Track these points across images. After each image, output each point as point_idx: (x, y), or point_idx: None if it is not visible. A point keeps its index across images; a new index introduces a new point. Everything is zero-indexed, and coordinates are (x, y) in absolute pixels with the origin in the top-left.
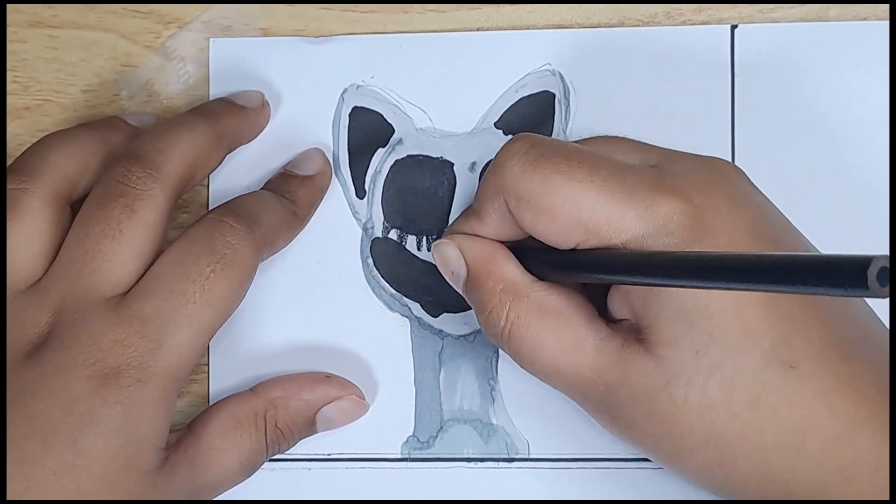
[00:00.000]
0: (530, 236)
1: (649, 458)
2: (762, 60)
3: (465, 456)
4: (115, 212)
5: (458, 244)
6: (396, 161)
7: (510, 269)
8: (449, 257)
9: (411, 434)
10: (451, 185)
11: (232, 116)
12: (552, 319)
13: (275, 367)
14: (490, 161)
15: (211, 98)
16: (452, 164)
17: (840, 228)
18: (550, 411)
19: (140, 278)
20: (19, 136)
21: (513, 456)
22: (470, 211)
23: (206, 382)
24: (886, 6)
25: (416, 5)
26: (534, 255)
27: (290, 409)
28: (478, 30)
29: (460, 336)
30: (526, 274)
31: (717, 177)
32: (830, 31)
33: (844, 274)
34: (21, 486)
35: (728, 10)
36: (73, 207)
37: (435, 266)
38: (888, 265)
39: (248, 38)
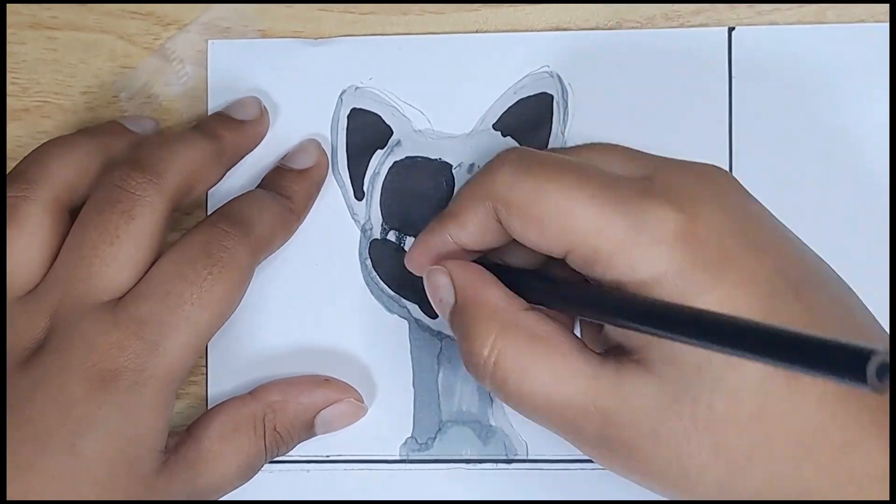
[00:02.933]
0: (514, 252)
1: (653, 488)
2: (760, 62)
3: (464, 457)
4: (114, 217)
5: (449, 270)
6: (395, 163)
7: (499, 296)
8: (439, 285)
9: (410, 435)
10: (450, 186)
11: (231, 133)
12: (542, 347)
13: (274, 369)
14: None
15: (209, 100)
16: (451, 166)
17: (838, 232)
18: None
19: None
20: (18, 138)
21: (511, 457)
22: (447, 215)
23: (205, 385)
24: (884, 8)
25: (414, 7)
26: (525, 279)
27: (288, 413)
28: (476, 32)
29: None
30: (515, 301)
31: (709, 186)
32: (828, 33)
33: (843, 364)
34: (19, 490)
35: (726, 12)
36: (73, 213)
37: None
38: (888, 360)
39: (246, 39)
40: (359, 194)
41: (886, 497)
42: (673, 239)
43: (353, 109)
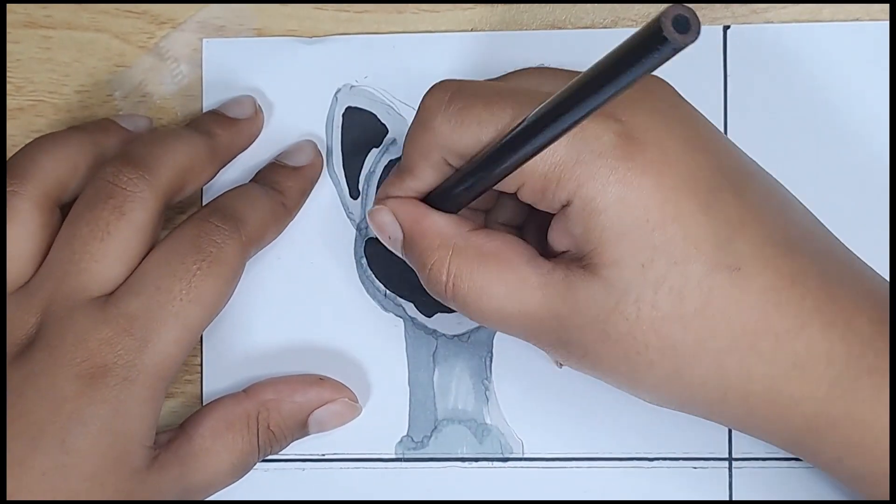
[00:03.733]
0: None
1: (608, 382)
2: (755, 61)
3: (460, 456)
4: (104, 213)
5: (391, 208)
6: (390, 161)
7: (443, 224)
8: (384, 223)
9: (405, 434)
10: None
11: (225, 131)
12: (493, 264)
13: (269, 368)
14: None
15: (204, 99)
16: None
17: (836, 230)
18: (545, 411)
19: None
20: (13, 137)
21: (507, 456)
22: (402, 170)
23: (200, 383)
24: (879, 6)
25: (409, 5)
26: (447, 189)
27: (282, 412)
28: (471, 30)
29: (454, 336)
30: (460, 225)
31: (641, 93)
32: (823, 31)
33: (648, 42)
34: (10, 485)
35: (721, 10)
36: (64, 210)
37: None
38: (682, 12)
39: (241, 38)
40: (354, 193)
41: (828, 380)
42: (611, 149)
43: (349, 108)
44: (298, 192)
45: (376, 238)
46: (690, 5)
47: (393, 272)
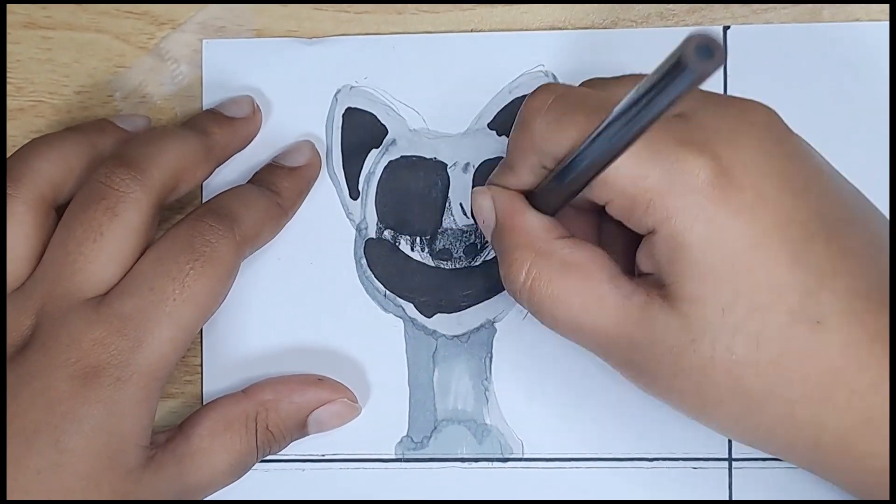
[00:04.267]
0: None
1: (676, 410)
2: (755, 61)
3: (460, 456)
4: (97, 214)
5: (492, 194)
6: (390, 162)
7: (535, 225)
8: (482, 207)
9: (405, 434)
10: (445, 185)
11: (221, 130)
12: (574, 276)
13: (269, 368)
14: (486, 161)
15: (204, 99)
16: (446, 165)
17: None
18: (545, 411)
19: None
20: (13, 138)
21: (507, 456)
22: (505, 167)
23: (200, 383)
24: (879, 7)
25: (409, 6)
26: (542, 190)
27: (281, 412)
28: (471, 31)
29: (454, 336)
30: (551, 229)
31: (747, 126)
32: (823, 31)
33: (670, 73)
34: (5, 486)
35: (721, 11)
36: (60, 211)
37: (428, 266)
38: (702, 41)
39: (241, 38)
40: (354, 194)
41: None
42: (706, 186)
43: (348, 109)
44: (295, 193)
45: (376, 238)
46: (686, 5)
47: (392, 272)
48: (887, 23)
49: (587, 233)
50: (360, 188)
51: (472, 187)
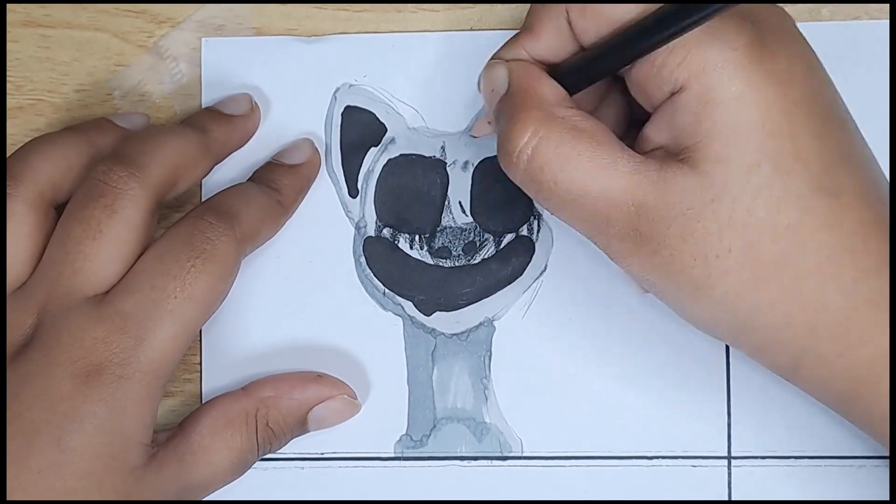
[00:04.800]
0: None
1: (667, 289)
2: None
3: (459, 454)
4: (96, 212)
5: (508, 65)
6: (389, 160)
7: (549, 89)
8: (496, 75)
9: (404, 433)
10: (444, 184)
11: (220, 127)
12: (586, 139)
13: (268, 367)
14: (485, 159)
15: (203, 98)
16: (445, 163)
17: None
18: (543, 409)
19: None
20: (12, 136)
21: (506, 454)
22: (523, 29)
23: (199, 382)
24: (879, 6)
25: (409, 4)
26: (574, 69)
27: (281, 409)
28: (471, 29)
29: (453, 335)
30: (565, 96)
31: (780, 16)
32: (822, 30)
33: None
34: (7, 484)
35: None
36: (59, 210)
37: (427, 265)
38: None
39: (240, 37)
40: (353, 192)
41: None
42: (745, 47)
43: (347, 107)
44: (294, 190)
45: (375, 237)
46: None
47: (391, 271)
48: (887, 21)
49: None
50: (359, 186)
51: (472, 183)
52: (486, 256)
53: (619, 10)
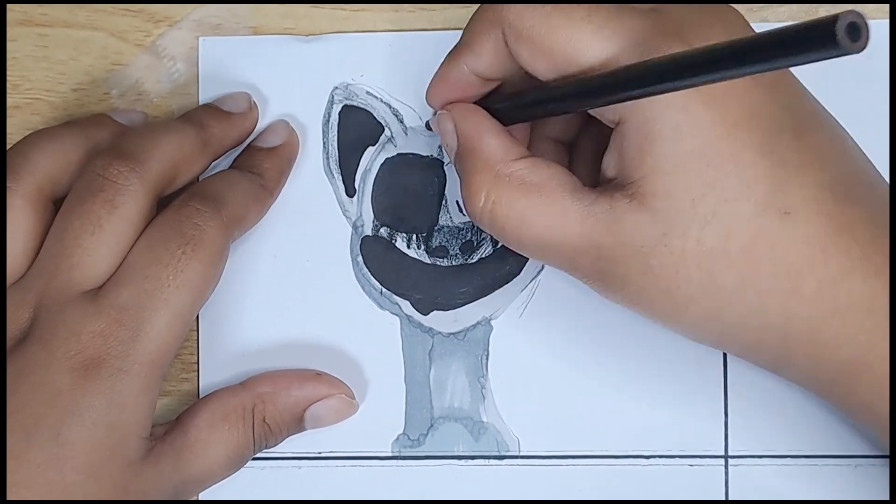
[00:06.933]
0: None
1: (646, 316)
2: None
3: (456, 454)
4: (95, 206)
5: (454, 117)
6: (386, 159)
7: (495, 145)
8: (446, 130)
9: (402, 432)
10: (441, 183)
11: (218, 123)
12: (535, 195)
13: (265, 365)
14: None
15: (200, 97)
16: (442, 162)
17: None
18: (540, 409)
19: None
20: (10, 135)
21: (503, 453)
22: (461, 45)
23: (196, 380)
24: (878, 6)
25: (406, 4)
26: (517, 99)
27: (278, 405)
28: None
29: (450, 334)
30: (511, 149)
31: (718, 21)
32: None
33: (813, 38)
34: (7, 480)
35: None
36: (58, 204)
37: (425, 264)
38: (856, 20)
39: (238, 36)
40: (350, 191)
41: (868, 329)
42: None
43: (345, 106)
44: (276, 172)
45: (372, 236)
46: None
47: (388, 270)
48: (887, 21)
49: (554, 148)
50: (356, 185)
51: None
52: (483, 256)
53: (553, 39)
